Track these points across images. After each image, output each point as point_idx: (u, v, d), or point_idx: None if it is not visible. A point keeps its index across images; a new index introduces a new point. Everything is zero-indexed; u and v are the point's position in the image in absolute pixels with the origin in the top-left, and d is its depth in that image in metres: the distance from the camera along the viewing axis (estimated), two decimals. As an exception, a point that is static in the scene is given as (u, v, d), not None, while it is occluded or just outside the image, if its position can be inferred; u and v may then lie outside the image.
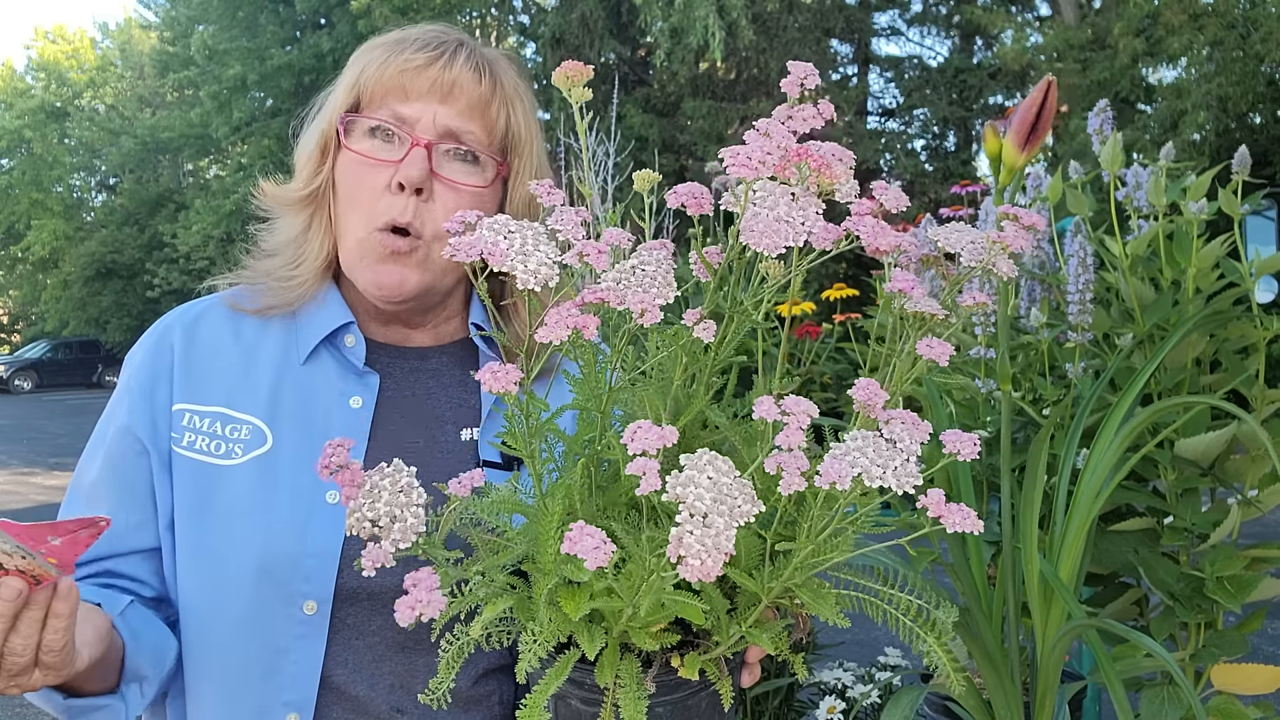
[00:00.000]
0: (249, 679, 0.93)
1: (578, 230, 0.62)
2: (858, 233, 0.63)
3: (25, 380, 23.78)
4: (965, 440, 0.59)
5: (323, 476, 0.63)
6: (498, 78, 1.01)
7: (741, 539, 0.64)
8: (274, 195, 1.04)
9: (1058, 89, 0.96)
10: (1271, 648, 4.28)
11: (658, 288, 0.61)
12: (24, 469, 10.62)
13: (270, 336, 1.02)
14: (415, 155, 0.96)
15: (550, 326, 0.58)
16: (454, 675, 0.68)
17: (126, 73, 30.44)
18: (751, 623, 0.65)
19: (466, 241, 0.59)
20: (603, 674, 0.62)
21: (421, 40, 0.99)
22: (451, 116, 0.98)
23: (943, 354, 0.62)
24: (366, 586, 0.94)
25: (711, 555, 0.51)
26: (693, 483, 0.53)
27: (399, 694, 0.96)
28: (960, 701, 1.14)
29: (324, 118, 1.02)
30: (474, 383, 1.06)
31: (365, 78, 0.99)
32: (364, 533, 0.60)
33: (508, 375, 0.59)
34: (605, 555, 0.52)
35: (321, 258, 1.02)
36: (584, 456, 0.68)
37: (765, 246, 0.58)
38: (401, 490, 0.62)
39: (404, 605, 0.58)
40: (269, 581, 0.93)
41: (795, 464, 0.55)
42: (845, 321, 2.77)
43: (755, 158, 0.59)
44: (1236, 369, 1.35)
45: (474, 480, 0.65)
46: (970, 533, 1.14)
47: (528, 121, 1.04)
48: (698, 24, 13.50)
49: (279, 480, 0.96)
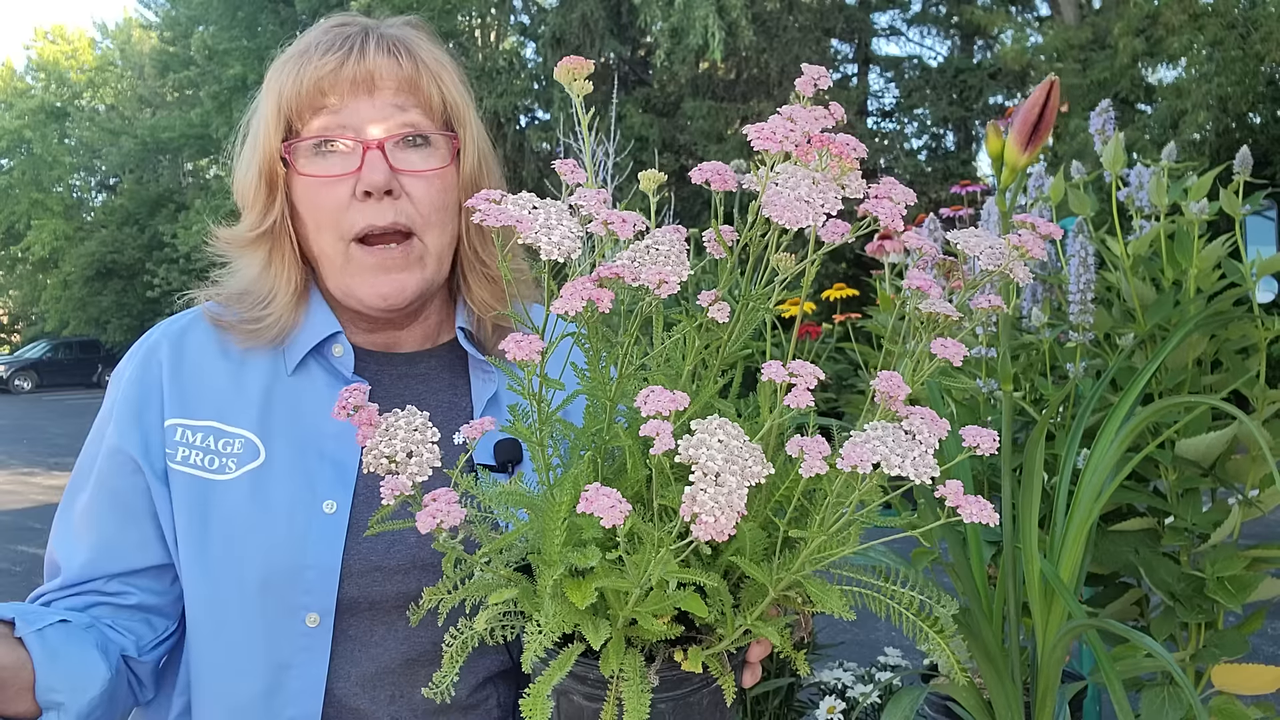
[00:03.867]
0: (254, 697, 0.92)
1: (600, 206, 0.64)
2: (876, 214, 0.64)
3: (25, 380, 23.78)
4: (985, 435, 0.60)
5: (338, 418, 0.64)
6: (415, 53, 0.97)
7: (749, 531, 0.64)
8: (228, 239, 1.01)
9: (1058, 89, 0.96)
10: (1272, 648, 4.28)
11: (672, 264, 0.63)
12: (24, 469, 10.62)
13: (256, 356, 1.00)
14: (371, 159, 0.93)
15: (565, 298, 0.59)
16: (453, 673, 0.68)
17: (126, 73, 30.42)
18: (756, 615, 0.65)
19: (496, 210, 0.61)
20: (607, 664, 0.63)
21: (324, 43, 0.96)
22: (386, 104, 0.95)
23: (956, 354, 0.63)
24: (368, 596, 0.94)
25: (725, 513, 0.52)
26: (704, 445, 0.54)
27: (399, 705, 0.95)
28: (961, 701, 1.14)
29: (259, 150, 0.97)
30: (464, 385, 1.06)
31: (285, 98, 0.95)
32: (381, 469, 0.62)
33: (531, 344, 0.59)
34: (621, 514, 0.53)
35: (290, 290, 0.99)
36: (591, 449, 0.69)
37: (787, 220, 0.59)
38: (416, 429, 0.63)
39: (425, 516, 0.60)
40: (271, 595, 0.92)
41: (817, 448, 0.56)
42: (845, 321, 2.77)
43: (779, 132, 0.61)
44: (1237, 369, 1.35)
45: (484, 425, 0.67)
46: (973, 532, 1.14)
47: (459, 90, 1.00)
48: (698, 24, 13.49)
49: (274, 494, 0.94)
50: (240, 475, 0.95)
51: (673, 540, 0.56)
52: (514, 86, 16.18)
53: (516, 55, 17.36)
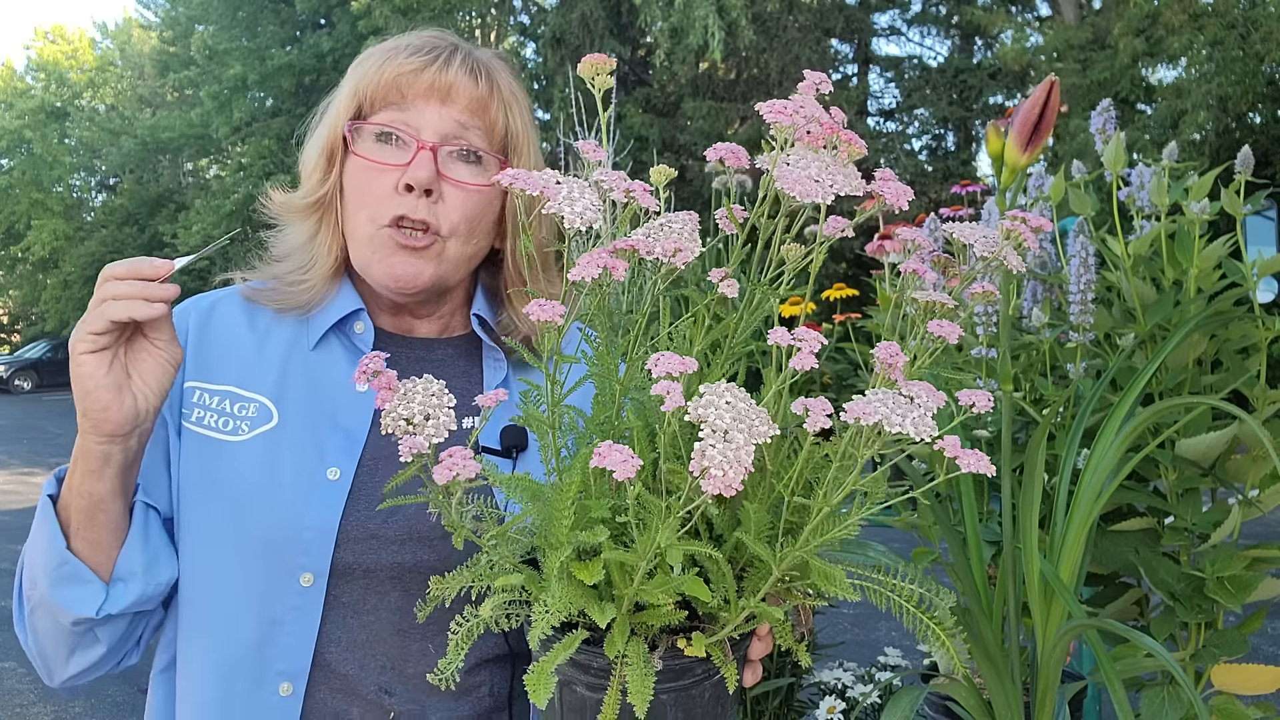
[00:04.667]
0: (246, 649, 0.95)
1: (622, 181, 0.66)
2: (882, 193, 0.66)
3: (25, 380, 23.78)
4: (980, 396, 0.62)
5: (357, 381, 0.66)
6: (494, 80, 1.04)
7: (754, 513, 0.65)
8: (282, 203, 1.08)
9: (1058, 89, 0.96)
10: (1272, 648, 4.28)
11: (685, 239, 0.65)
12: (24, 469, 10.63)
13: (283, 324, 1.06)
14: (422, 158, 0.98)
15: (581, 266, 0.61)
16: (438, 661, 0.69)
17: (126, 73, 30.45)
18: (760, 597, 0.66)
19: (526, 175, 0.63)
20: (612, 646, 0.64)
21: (415, 45, 1.02)
22: (452, 117, 1.00)
23: (951, 333, 0.64)
24: (362, 563, 0.97)
25: (733, 467, 0.54)
26: (713, 405, 0.57)
27: (389, 675, 0.97)
28: (960, 701, 1.14)
29: (328, 125, 1.04)
30: (477, 374, 1.10)
31: (364, 85, 1.01)
32: (399, 430, 0.64)
33: (554, 308, 0.62)
34: (633, 468, 0.55)
35: (331, 261, 1.05)
36: (599, 437, 0.70)
37: (798, 193, 0.61)
38: (434, 394, 0.65)
39: (441, 470, 0.61)
40: (270, 554, 0.95)
41: (821, 407, 0.58)
42: (845, 321, 2.77)
43: (791, 109, 0.63)
44: (1238, 369, 1.35)
45: (498, 396, 0.69)
46: (973, 531, 1.14)
47: (525, 123, 1.06)
48: (698, 24, 13.50)
49: (282, 456, 0.98)
50: (252, 438, 0.99)
51: (679, 508, 0.58)
52: (514, 86, 16.17)
53: (516, 55, 17.38)
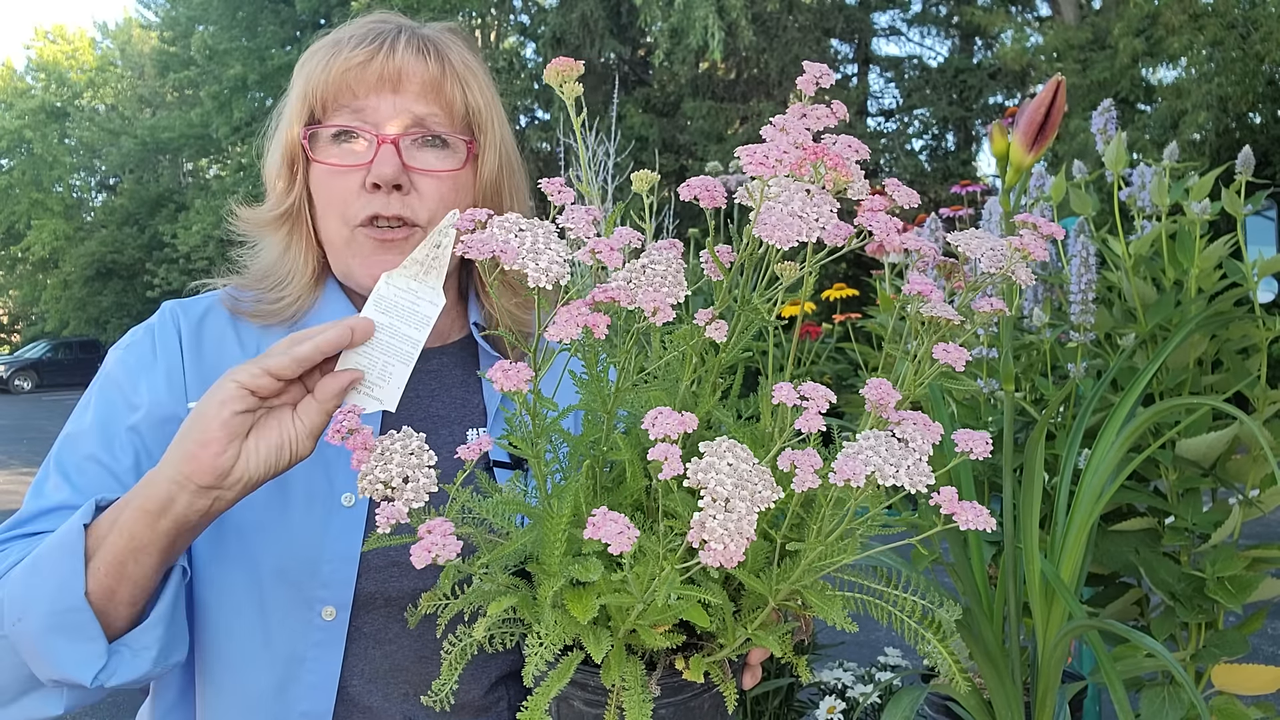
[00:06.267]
0: (267, 691, 0.91)
1: (589, 229, 0.62)
2: (871, 229, 0.63)
3: (25, 380, 23.76)
4: (977, 439, 0.59)
5: (333, 441, 0.63)
6: (444, 56, 0.98)
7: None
8: (249, 218, 1.03)
9: (1064, 89, 0.96)
10: (1272, 648, 4.28)
11: (668, 286, 0.61)
12: (24, 469, 10.61)
13: (271, 337, 1.00)
14: (384, 153, 0.94)
15: (560, 324, 0.58)
16: (458, 680, 0.68)
17: (126, 73, 30.42)
18: (757, 625, 0.64)
19: (479, 239, 0.59)
20: (608, 675, 0.62)
21: (359, 36, 0.97)
22: (408, 104, 0.96)
23: (959, 359, 0.62)
24: (384, 591, 0.93)
25: (734, 540, 0.51)
26: (714, 469, 0.53)
27: (412, 704, 0.95)
28: (961, 701, 1.13)
29: (283, 133, 1.00)
30: (476, 382, 1.06)
31: (313, 86, 0.96)
32: (376, 494, 0.61)
33: (518, 374, 0.59)
34: (629, 540, 0.52)
35: (308, 272, 1.00)
36: (589, 459, 0.68)
37: (778, 239, 0.58)
38: (413, 453, 0.62)
39: (420, 549, 0.58)
40: (287, 587, 0.91)
41: (809, 461, 0.55)
42: (845, 321, 2.77)
43: (772, 156, 0.59)
44: (1238, 369, 1.34)
45: (483, 445, 0.66)
46: (974, 532, 1.13)
47: (485, 96, 1.01)
48: (698, 24, 13.48)
49: (292, 484, 0.94)
50: None
51: (677, 559, 0.55)
52: (514, 86, 16.18)
53: (516, 55, 17.36)
